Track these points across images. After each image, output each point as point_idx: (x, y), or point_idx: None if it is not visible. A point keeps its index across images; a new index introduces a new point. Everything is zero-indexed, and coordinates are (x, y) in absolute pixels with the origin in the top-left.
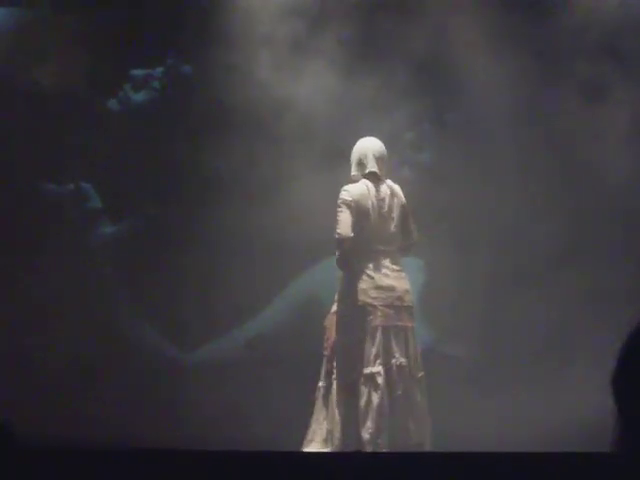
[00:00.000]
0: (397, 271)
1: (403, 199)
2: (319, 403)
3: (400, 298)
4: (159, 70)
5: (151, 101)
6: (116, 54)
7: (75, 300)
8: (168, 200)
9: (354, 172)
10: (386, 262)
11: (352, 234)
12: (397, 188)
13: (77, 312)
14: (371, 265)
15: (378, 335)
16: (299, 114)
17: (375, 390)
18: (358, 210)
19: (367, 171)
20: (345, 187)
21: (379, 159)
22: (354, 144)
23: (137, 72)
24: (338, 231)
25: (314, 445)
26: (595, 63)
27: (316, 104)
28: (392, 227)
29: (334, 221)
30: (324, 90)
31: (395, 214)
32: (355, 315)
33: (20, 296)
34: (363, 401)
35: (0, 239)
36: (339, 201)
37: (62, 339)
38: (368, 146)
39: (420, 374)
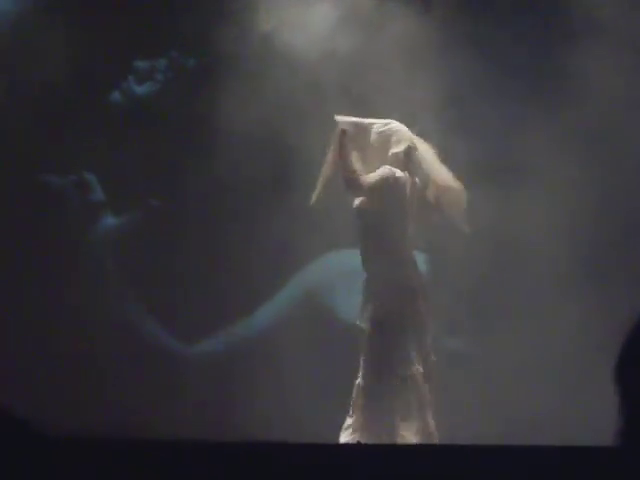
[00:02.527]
0: None
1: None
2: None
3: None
4: (162, 62)
5: (155, 93)
6: (120, 45)
7: (76, 292)
8: (171, 192)
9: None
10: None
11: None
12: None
13: (78, 304)
14: (412, 254)
15: (425, 326)
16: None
17: (422, 385)
18: (403, 192)
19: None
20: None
21: None
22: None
23: (141, 64)
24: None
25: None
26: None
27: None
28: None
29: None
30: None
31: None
32: (403, 310)
33: (21, 288)
34: (413, 397)
35: (1, 230)
36: (389, 174)
37: (62, 331)
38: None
39: None
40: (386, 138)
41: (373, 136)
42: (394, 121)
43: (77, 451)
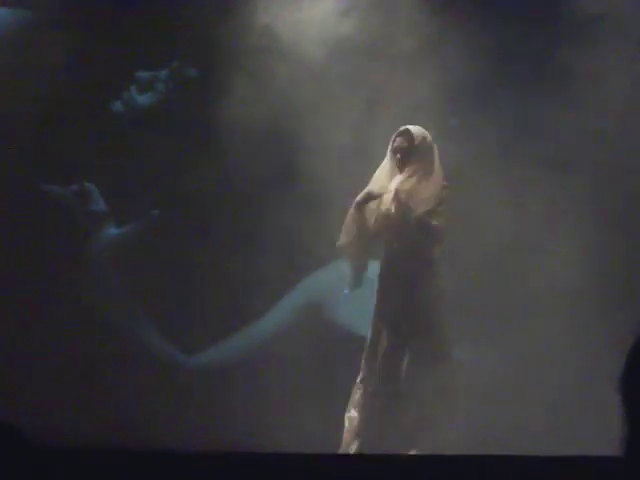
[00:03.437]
0: None
1: None
2: None
3: None
4: (164, 72)
5: (156, 103)
6: (121, 55)
7: (78, 301)
8: (173, 201)
9: None
10: None
11: None
12: None
13: (79, 313)
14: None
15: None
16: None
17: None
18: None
19: None
20: None
21: None
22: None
23: (142, 74)
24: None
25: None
26: None
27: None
28: None
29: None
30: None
31: None
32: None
33: (21, 299)
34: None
35: (2, 240)
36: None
37: (63, 340)
38: None
39: None
40: (429, 148)
41: (421, 147)
42: (418, 127)
43: (75, 462)
